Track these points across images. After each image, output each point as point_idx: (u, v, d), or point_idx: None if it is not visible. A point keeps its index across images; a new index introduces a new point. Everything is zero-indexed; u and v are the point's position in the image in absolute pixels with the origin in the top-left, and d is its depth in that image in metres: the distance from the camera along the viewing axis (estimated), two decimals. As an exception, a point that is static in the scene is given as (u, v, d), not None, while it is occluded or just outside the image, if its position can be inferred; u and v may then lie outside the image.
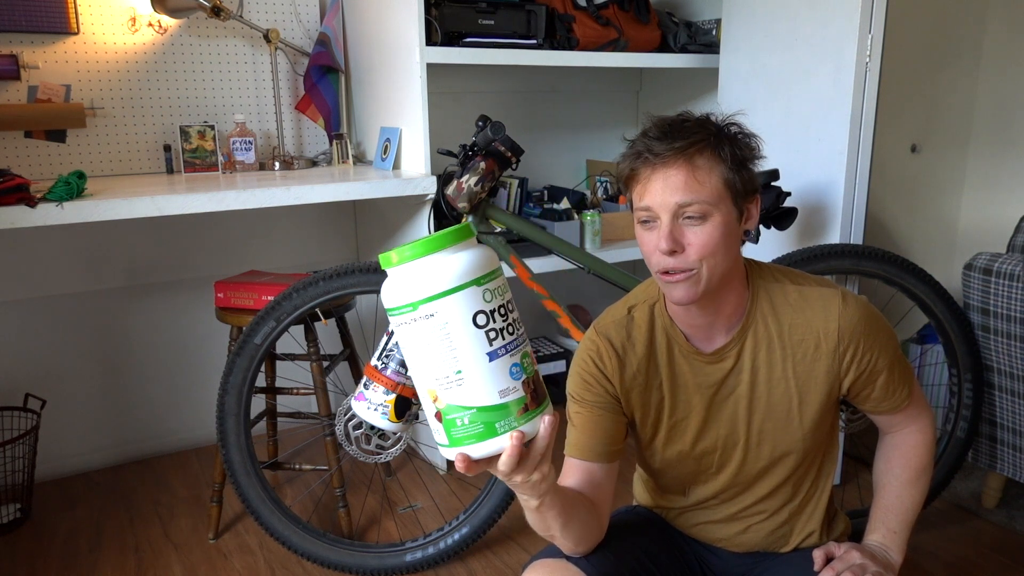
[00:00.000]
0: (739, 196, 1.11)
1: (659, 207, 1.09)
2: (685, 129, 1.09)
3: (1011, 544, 2.09)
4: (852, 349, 1.17)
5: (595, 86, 3.13)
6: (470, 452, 0.85)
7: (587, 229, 2.51)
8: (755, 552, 1.30)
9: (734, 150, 1.11)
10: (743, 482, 1.25)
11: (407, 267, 0.83)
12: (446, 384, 0.84)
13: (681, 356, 1.21)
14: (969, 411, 2.10)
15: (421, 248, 0.83)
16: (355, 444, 1.90)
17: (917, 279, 2.06)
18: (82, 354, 2.49)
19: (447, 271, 0.82)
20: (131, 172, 2.42)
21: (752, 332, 1.19)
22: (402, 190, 2.15)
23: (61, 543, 2.14)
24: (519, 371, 0.85)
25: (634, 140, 1.12)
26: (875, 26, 2.01)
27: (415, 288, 0.83)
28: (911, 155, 3.11)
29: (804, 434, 1.21)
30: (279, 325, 1.88)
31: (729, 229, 1.10)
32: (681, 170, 1.08)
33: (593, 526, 1.16)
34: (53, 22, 2.22)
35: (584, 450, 1.22)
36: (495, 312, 0.84)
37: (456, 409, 0.84)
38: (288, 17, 2.57)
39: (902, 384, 1.23)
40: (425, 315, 0.83)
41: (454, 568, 2.00)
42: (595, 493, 1.20)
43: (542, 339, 3.12)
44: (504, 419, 0.84)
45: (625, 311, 1.25)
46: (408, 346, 0.85)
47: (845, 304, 1.17)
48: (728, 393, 1.21)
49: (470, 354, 0.83)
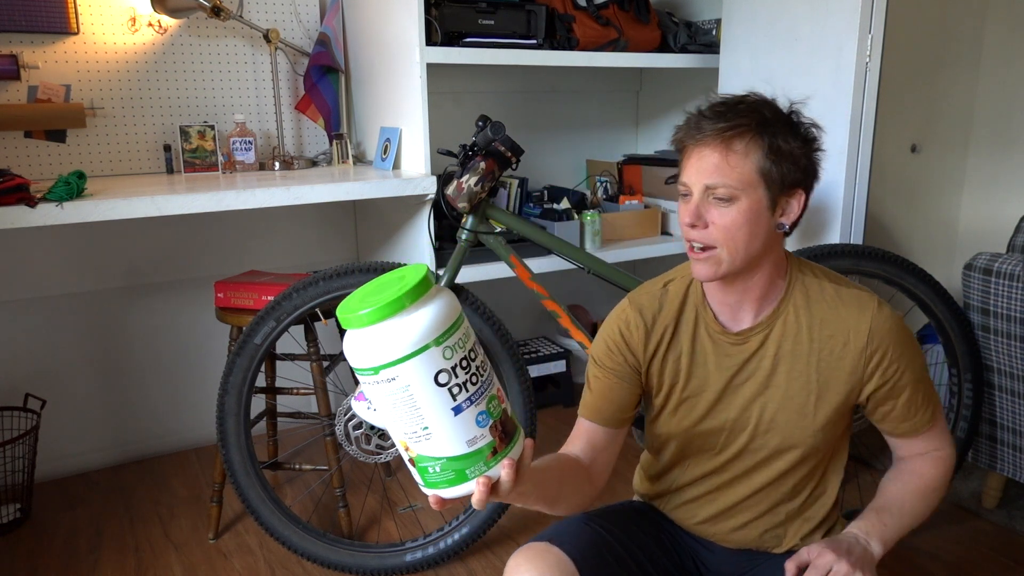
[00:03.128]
0: (774, 186, 1.12)
1: (692, 183, 1.13)
2: (736, 111, 1.12)
3: (1011, 544, 2.09)
4: (880, 354, 1.17)
5: (595, 86, 3.13)
6: (441, 495, 0.90)
7: (587, 229, 2.51)
8: (749, 550, 1.30)
9: (779, 140, 1.11)
10: (742, 468, 1.25)
11: (363, 332, 0.83)
12: (415, 439, 0.86)
13: (706, 334, 1.23)
14: (969, 411, 2.10)
15: (375, 314, 0.81)
16: (355, 444, 1.90)
17: (917, 279, 2.06)
18: (82, 354, 2.49)
19: (404, 336, 0.81)
20: (131, 172, 2.42)
21: (782, 320, 1.20)
22: (402, 190, 2.15)
23: (61, 543, 2.14)
24: (486, 418, 0.87)
25: (691, 113, 1.15)
26: (875, 26, 2.01)
27: (374, 353, 0.82)
28: (911, 155, 3.10)
29: (815, 431, 1.20)
30: (279, 325, 1.88)
31: (755, 216, 1.12)
32: (716, 152, 1.11)
33: (583, 494, 1.21)
34: (53, 22, 2.22)
35: (594, 412, 1.28)
36: (456, 367, 0.84)
37: (427, 459, 0.87)
38: (288, 17, 2.57)
39: (925, 407, 1.21)
40: (387, 379, 0.83)
41: (454, 568, 2.00)
42: (596, 455, 1.26)
43: (542, 339, 3.12)
44: (473, 465, 0.87)
45: (661, 284, 1.29)
46: (375, 403, 0.87)
47: (880, 309, 1.18)
48: (747, 377, 1.22)
49: (434, 411, 0.84)
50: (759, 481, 1.25)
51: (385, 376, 0.83)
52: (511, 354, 1.96)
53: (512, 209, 2.65)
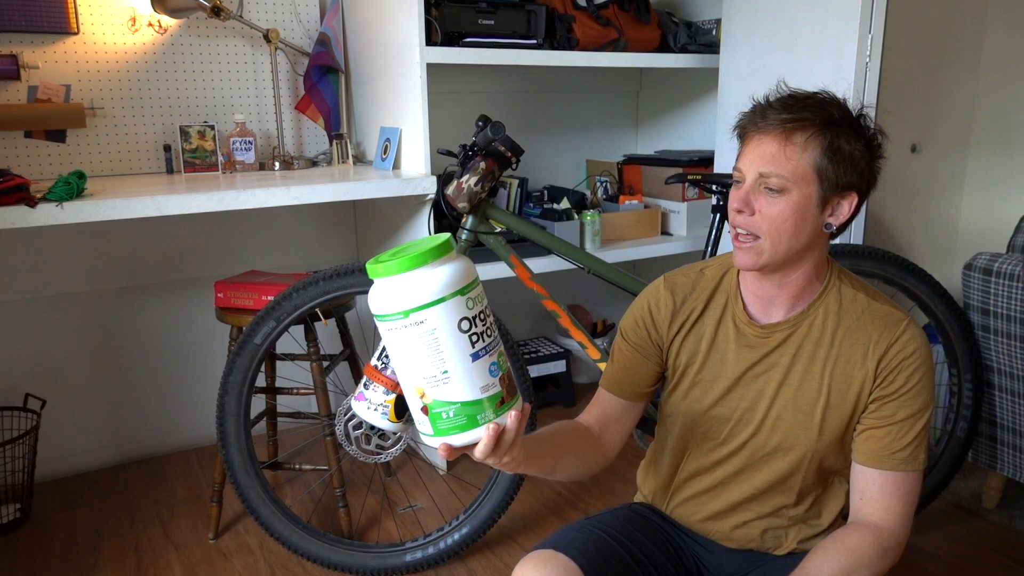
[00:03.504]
0: (828, 185, 1.12)
1: (746, 169, 1.14)
2: (804, 105, 1.12)
3: (1011, 544, 2.09)
4: (892, 372, 1.16)
5: (595, 86, 3.13)
6: (452, 441, 0.95)
7: (587, 229, 2.51)
8: (749, 551, 1.30)
9: (841, 140, 1.11)
10: (743, 463, 1.25)
11: (397, 279, 0.91)
12: (433, 383, 0.93)
13: (732, 323, 1.24)
14: (969, 411, 2.10)
15: (409, 262, 0.90)
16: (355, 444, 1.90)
17: (917, 279, 2.06)
18: (82, 354, 2.49)
19: (435, 282, 0.90)
20: (131, 172, 2.42)
21: (809, 321, 1.20)
22: (402, 190, 2.15)
23: (61, 543, 2.14)
24: (497, 369, 0.95)
25: (758, 101, 1.16)
26: (875, 26, 2.01)
27: (406, 298, 0.90)
28: (911, 155, 3.10)
29: (816, 436, 1.20)
30: (279, 325, 1.88)
31: (804, 211, 1.12)
32: (775, 141, 1.11)
33: (587, 464, 1.24)
34: (53, 22, 2.22)
35: (613, 384, 1.32)
36: (476, 318, 0.93)
37: (442, 404, 0.93)
38: (288, 17, 2.57)
39: (911, 446, 1.15)
40: (415, 322, 0.91)
41: (454, 568, 2.00)
42: (610, 426, 1.30)
43: (542, 339, 3.11)
44: (483, 412, 0.94)
45: (698, 269, 1.31)
46: (397, 349, 0.94)
47: (907, 330, 1.17)
48: (763, 371, 1.22)
49: (455, 356, 0.92)
50: (761, 480, 1.25)
51: (415, 319, 0.90)
52: (511, 354, 1.96)
53: (512, 209, 2.65)
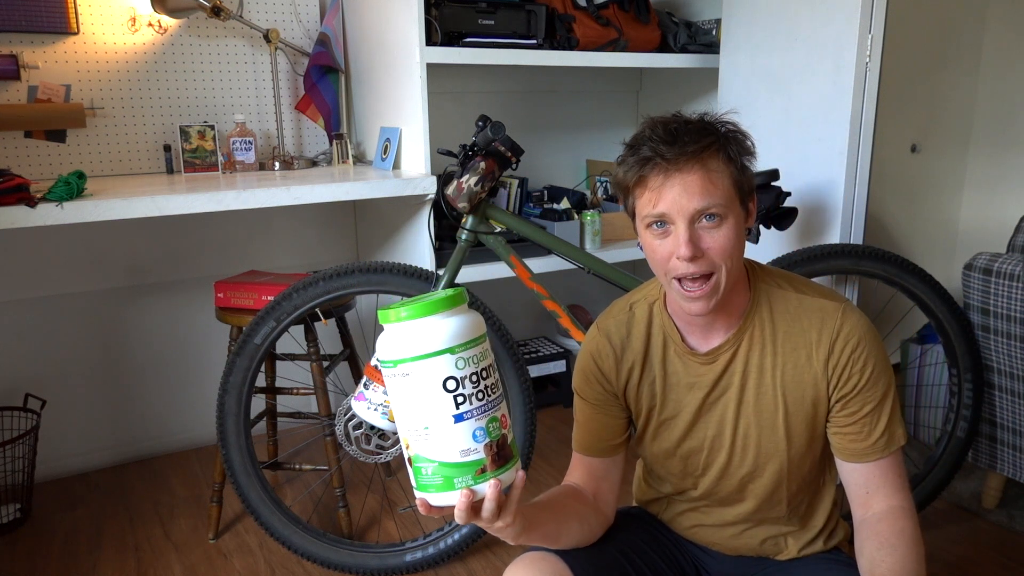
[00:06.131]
0: (745, 196, 1.11)
1: (676, 213, 1.06)
2: (691, 131, 1.07)
3: (1011, 544, 2.08)
4: (842, 364, 1.12)
5: (595, 86, 3.13)
6: (428, 500, 0.95)
7: (587, 229, 2.51)
8: (751, 557, 1.29)
9: (736, 150, 1.10)
10: (730, 488, 1.22)
11: (396, 327, 0.92)
12: (415, 435, 0.93)
13: (676, 355, 1.20)
14: (969, 411, 2.10)
15: (413, 311, 0.91)
16: (355, 444, 1.90)
17: (917, 279, 2.06)
18: (82, 354, 2.49)
19: (426, 337, 0.90)
20: (131, 172, 2.42)
21: (748, 335, 1.17)
22: (402, 190, 2.15)
23: (61, 543, 2.14)
24: (483, 435, 0.92)
25: (636, 145, 1.08)
26: (875, 26, 2.01)
27: (397, 348, 0.92)
28: (911, 155, 3.11)
29: (788, 445, 1.17)
30: (279, 325, 1.88)
31: (740, 229, 1.10)
32: (697, 174, 1.05)
33: (590, 526, 1.19)
34: (53, 22, 2.22)
35: (583, 446, 1.26)
36: (466, 379, 0.91)
37: (422, 459, 0.93)
38: (288, 17, 2.57)
39: (885, 429, 1.12)
40: (402, 374, 0.92)
41: (454, 568, 2.00)
42: (598, 485, 1.25)
43: (542, 339, 3.12)
44: (462, 476, 0.92)
45: (627, 307, 1.25)
46: (391, 395, 0.95)
47: (844, 319, 1.13)
48: (719, 395, 1.19)
49: (436, 414, 0.91)
50: (749, 503, 1.22)
51: (402, 371, 0.91)
52: (511, 354, 1.96)
53: (512, 209, 2.65)
